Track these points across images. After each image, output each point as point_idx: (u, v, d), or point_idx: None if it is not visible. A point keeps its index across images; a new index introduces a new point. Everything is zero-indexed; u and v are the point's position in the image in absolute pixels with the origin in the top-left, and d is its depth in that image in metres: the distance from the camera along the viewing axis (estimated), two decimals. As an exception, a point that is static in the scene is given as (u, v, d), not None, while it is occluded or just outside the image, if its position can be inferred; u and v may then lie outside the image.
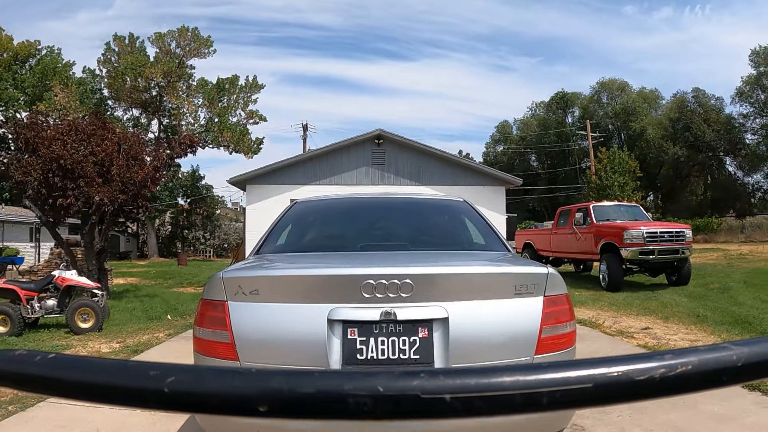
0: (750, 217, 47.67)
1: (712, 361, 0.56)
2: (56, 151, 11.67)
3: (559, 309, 2.84)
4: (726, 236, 40.94)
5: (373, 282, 2.63)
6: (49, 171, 11.85)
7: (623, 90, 62.22)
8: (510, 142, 70.17)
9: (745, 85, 53.25)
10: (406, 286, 2.64)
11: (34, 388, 0.57)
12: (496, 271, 3.04)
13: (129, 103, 41.56)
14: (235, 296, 2.73)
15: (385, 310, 2.63)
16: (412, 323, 2.65)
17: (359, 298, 2.64)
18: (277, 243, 3.98)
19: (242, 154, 41.00)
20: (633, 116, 58.33)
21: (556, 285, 2.87)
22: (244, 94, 43.15)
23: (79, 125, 12.63)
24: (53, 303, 9.14)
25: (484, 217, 4.46)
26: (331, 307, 2.65)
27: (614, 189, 38.43)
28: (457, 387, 0.52)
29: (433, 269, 2.91)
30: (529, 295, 2.79)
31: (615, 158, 39.73)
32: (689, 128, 54.66)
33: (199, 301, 2.89)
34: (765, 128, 52.74)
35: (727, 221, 45.59)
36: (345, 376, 0.53)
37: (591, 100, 64.10)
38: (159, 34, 39.97)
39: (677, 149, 54.85)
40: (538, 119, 68.05)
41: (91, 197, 11.74)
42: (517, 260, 3.42)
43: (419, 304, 2.66)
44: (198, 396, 0.53)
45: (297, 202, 4.79)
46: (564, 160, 61.09)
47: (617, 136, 61.02)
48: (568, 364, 0.55)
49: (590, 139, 46.10)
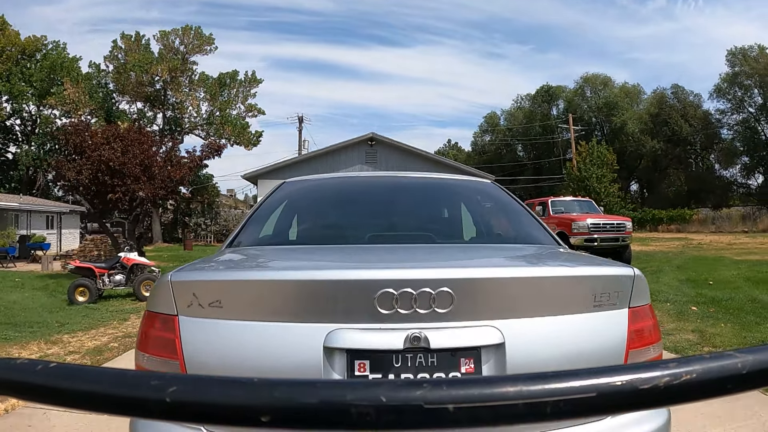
0: (726, 209, 50.19)
1: (716, 369, 0.55)
2: (105, 155, 14.11)
3: (646, 325, 2.10)
4: (698, 227, 43.19)
5: (393, 291, 1.80)
6: (98, 171, 14.28)
7: (606, 85, 64.55)
8: (497, 133, 72.65)
9: (723, 83, 55.39)
10: (442, 296, 1.82)
11: (35, 398, 0.58)
12: (569, 274, 2.11)
13: (134, 97, 43.85)
14: (188, 309, 1.90)
15: (413, 333, 1.81)
16: (452, 352, 1.85)
17: (373, 316, 1.81)
18: (258, 233, 3.13)
19: (242, 146, 43.50)
20: (615, 110, 60.63)
21: (641, 292, 2.12)
22: (244, 88, 45.63)
23: (121, 132, 15.09)
24: (121, 278, 11.70)
25: (521, 202, 3.59)
26: (329, 328, 1.82)
27: (592, 181, 40.93)
28: (460, 397, 0.52)
29: (482, 272, 2.05)
30: (611, 307, 2.03)
31: (594, 152, 42.10)
32: (668, 123, 57.02)
33: (143, 314, 2.08)
34: (740, 124, 55.12)
35: (700, 212, 48.16)
36: (348, 386, 0.54)
37: (575, 93, 66.33)
38: (164, 32, 42.46)
39: (655, 143, 57.33)
40: (525, 111, 70.39)
41: (136, 193, 14.21)
42: (591, 258, 2.63)
43: (462, 323, 1.85)
44: (199, 406, 0.53)
45: (287, 182, 3.85)
46: (549, 150, 63.35)
47: (600, 129, 63.51)
48: (571, 374, 0.54)
49: (572, 132, 48.62)
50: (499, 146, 71.33)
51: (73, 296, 10.88)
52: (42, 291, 13.32)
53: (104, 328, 8.42)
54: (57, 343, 7.27)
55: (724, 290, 10.60)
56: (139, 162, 14.49)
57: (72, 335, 7.81)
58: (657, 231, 43.58)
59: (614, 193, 42.24)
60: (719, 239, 30.99)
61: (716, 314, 8.23)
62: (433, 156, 24.61)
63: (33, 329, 8.28)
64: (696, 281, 12.28)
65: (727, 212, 47.67)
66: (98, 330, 8.24)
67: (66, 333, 7.98)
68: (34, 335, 7.79)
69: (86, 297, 10.95)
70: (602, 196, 40.72)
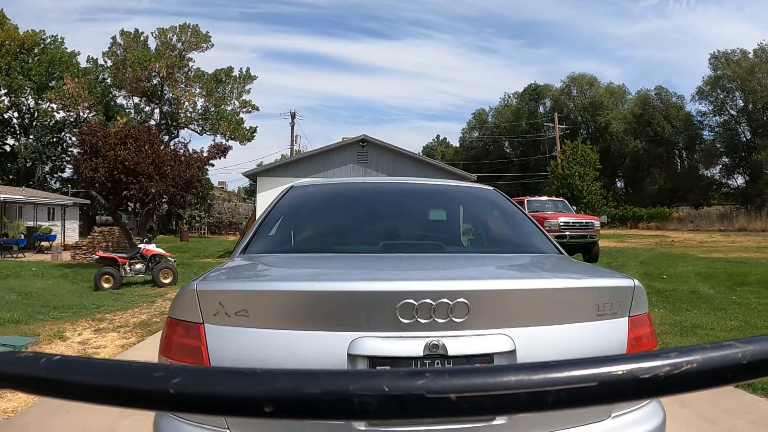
0: (707, 207, 51.80)
1: (717, 359, 0.55)
2: (121, 155, 15.44)
3: (644, 332, 2.29)
4: (677, 225, 44.20)
5: (414, 302, 1.93)
6: (114, 169, 15.61)
7: (592, 85, 65.77)
8: (485, 130, 74.01)
9: (705, 85, 56.52)
10: (459, 307, 1.95)
11: (40, 391, 0.58)
12: (575, 286, 2.32)
13: (131, 92, 45.08)
14: (214, 317, 2.01)
15: (432, 341, 1.93)
16: (467, 359, 1.99)
17: (394, 325, 1.94)
18: (273, 239, 3.24)
19: (237, 141, 44.90)
20: (600, 110, 62.05)
21: (640, 302, 2.29)
22: (238, 84, 46.98)
23: (133, 133, 16.43)
24: (141, 266, 13.16)
25: (521, 209, 3.76)
26: (352, 336, 1.95)
27: (575, 179, 42.37)
28: (462, 386, 0.52)
29: (496, 284, 2.23)
30: (612, 316, 2.19)
31: (578, 151, 43.48)
32: (650, 123, 58.27)
33: (166, 320, 2.20)
34: (721, 126, 56.44)
35: (680, 210, 49.66)
36: (350, 376, 0.55)
37: (561, 92, 67.61)
38: (162, 29, 43.80)
39: (638, 142, 58.75)
40: (512, 108, 71.58)
41: (148, 189, 15.57)
42: (593, 269, 2.84)
43: (476, 332, 2.00)
44: (203, 397, 0.53)
45: (294, 186, 3.90)
46: (535, 148, 64.24)
47: (585, 127, 64.95)
48: (573, 363, 0.55)
49: (557, 131, 49.91)
50: (486, 143, 72.62)
51: (99, 283, 12.27)
52: (62, 279, 14.67)
53: (138, 309, 9.84)
54: (103, 320, 8.66)
55: (673, 283, 12.10)
56: (152, 161, 15.84)
57: (112, 314, 9.21)
58: (637, 228, 44.47)
59: (596, 191, 43.62)
60: (694, 237, 32.10)
61: (656, 302, 9.69)
62: (420, 156, 26.77)
63: (73, 310, 9.60)
64: (652, 275, 13.74)
65: (706, 211, 49.02)
66: (133, 310, 9.65)
67: (106, 312, 9.37)
68: (78, 315, 9.14)
69: (110, 284, 12.32)
70: (584, 194, 42.20)
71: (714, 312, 8.91)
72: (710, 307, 9.36)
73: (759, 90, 51.18)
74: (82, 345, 7.19)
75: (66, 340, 7.36)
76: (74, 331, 7.92)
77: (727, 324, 8.06)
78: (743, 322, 8.19)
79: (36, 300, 10.83)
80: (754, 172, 51.44)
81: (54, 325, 8.19)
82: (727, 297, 10.33)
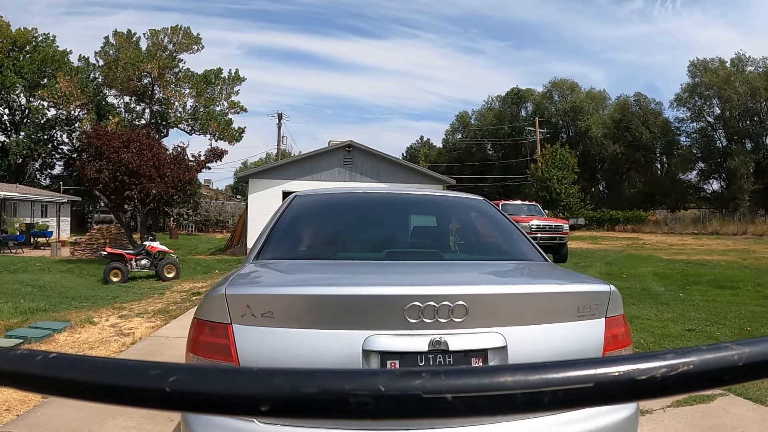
0: (683, 210, 53.10)
1: (713, 361, 0.56)
2: (125, 158, 16.54)
3: (620, 331, 2.54)
4: (653, 227, 44.68)
5: (420, 304, 2.19)
6: (117, 171, 16.70)
7: (573, 90, 66.77)
8: (468, 132, 75.07)
9: (684, 92, 57.59)
10: (459, 309, 2.22)
11: (35, 388, 0.58)
12: (559, 291, 2.61)
13: (122, 92, 45.97)
14: (242, 318, 2.23)
15: (435, 338, 2.21)
16: (465, 354, 2.27)
17: (403, 324, 2.20)
18: (282, 247, 3.43)
19: (226, 141, 46.04)
20: (580, 115, 63.15)
21: (616, 305, 2.55)
22: (227, 86, 48.11)
23: (135, 137, 17.55)
24: (146, 262, 14.36)
25: (509, 218, 4.02)
26: (366, 334, 2.21)
27: (553, 182, 43.76)
28: (459, 387, 0.52)
29: (491, 288, 2.55)
30: (591, 317, 2.46)
31: (557, 155, 44.86)
32: (629, 129, 59.61)
33: (192, 321, 2.41)
34: (698, 132, 57.57)
35: (656, 214, 50.91)
36: (347, 375, 0.54)
37: (543, 97, 68.75)
38: (154, 30, 44.61)
39: (617, 147, 59.98)
40: (495, 111, 72.54)
41: (150, 190, 16.70)
42: (575, 275, 3.06)
43: (473, 330, 2.27)
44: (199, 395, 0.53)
45: (297, 195, 4.13)
46: (517, 151, 65.38)
47: (565, 131, 66.20)
48: (570, 364, 0.55)
49: (538, 135, 51.29)
50: (469, 144, 73.52)
51: (108, 277, 13.45)
52: (69, 273, 15.70)
53: (151, 299, 10.96)
54: (122, 309, 9.74)
55: (629, 282, 13.25)
56: (153, 164, 16.95)
57: (129, 304, 10.30)
58: (614, 230, 45.10)
59: (574, 194, 44.96)
60: (666, 240, 33.14)
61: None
62: (402, 162, 27.95)
63: (91, 301, 10.63)
64: (613, 275, 14.88)
65: (682, 214, 50.23)
66: (147, 300, 10.77)
67: (123, 302, 10.44)
68: (96, 304, 10.17)
69: (119, 278, 13.49)
70: (563, 197, 43.63)
71: (657, 306, 9.92)
72: (656, 302, 10.38)
73: (735, 98, 52.02)
74: (114, 328, 8.20)
75: (96, 324, 8.37)
76: (100, 317, 8.90)
77: (664, 316, 9.06)
78: (679, 314, 9.15)
79: (51, 292, 11.73)
80: (728, 178, 52.76)
81: (80, 313, 9.06)
82: (674, 294, 11.32)
